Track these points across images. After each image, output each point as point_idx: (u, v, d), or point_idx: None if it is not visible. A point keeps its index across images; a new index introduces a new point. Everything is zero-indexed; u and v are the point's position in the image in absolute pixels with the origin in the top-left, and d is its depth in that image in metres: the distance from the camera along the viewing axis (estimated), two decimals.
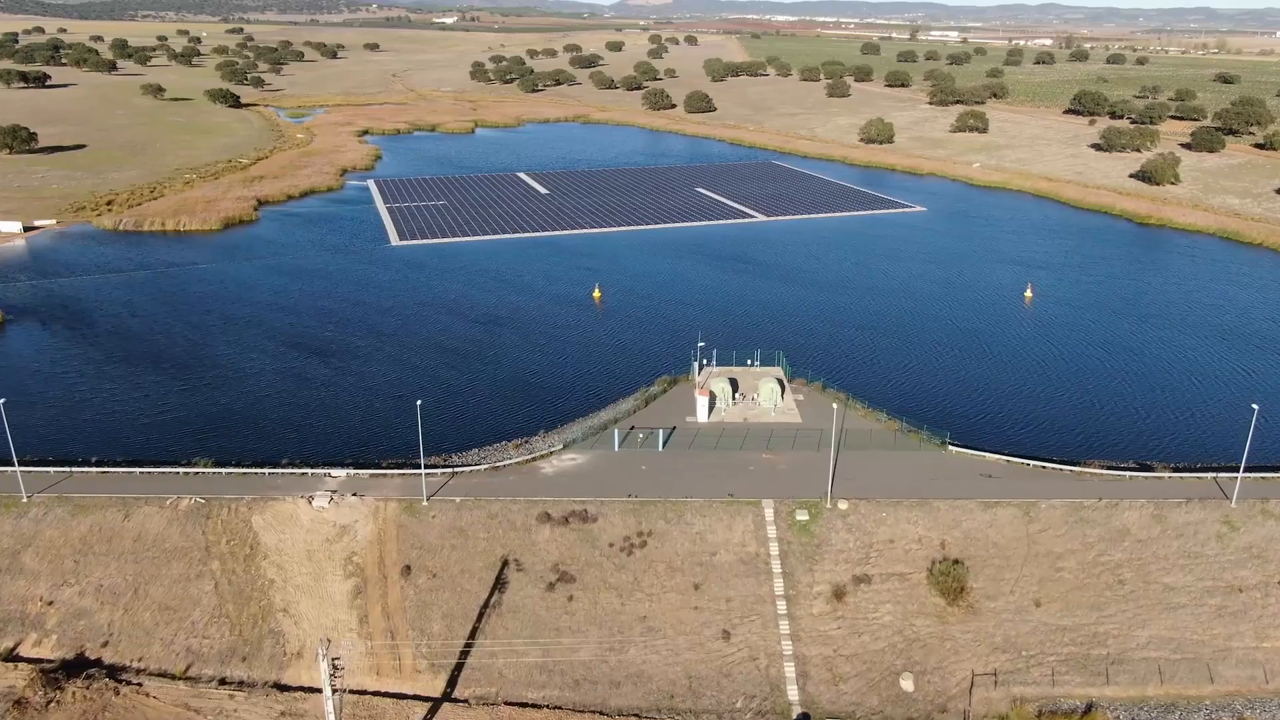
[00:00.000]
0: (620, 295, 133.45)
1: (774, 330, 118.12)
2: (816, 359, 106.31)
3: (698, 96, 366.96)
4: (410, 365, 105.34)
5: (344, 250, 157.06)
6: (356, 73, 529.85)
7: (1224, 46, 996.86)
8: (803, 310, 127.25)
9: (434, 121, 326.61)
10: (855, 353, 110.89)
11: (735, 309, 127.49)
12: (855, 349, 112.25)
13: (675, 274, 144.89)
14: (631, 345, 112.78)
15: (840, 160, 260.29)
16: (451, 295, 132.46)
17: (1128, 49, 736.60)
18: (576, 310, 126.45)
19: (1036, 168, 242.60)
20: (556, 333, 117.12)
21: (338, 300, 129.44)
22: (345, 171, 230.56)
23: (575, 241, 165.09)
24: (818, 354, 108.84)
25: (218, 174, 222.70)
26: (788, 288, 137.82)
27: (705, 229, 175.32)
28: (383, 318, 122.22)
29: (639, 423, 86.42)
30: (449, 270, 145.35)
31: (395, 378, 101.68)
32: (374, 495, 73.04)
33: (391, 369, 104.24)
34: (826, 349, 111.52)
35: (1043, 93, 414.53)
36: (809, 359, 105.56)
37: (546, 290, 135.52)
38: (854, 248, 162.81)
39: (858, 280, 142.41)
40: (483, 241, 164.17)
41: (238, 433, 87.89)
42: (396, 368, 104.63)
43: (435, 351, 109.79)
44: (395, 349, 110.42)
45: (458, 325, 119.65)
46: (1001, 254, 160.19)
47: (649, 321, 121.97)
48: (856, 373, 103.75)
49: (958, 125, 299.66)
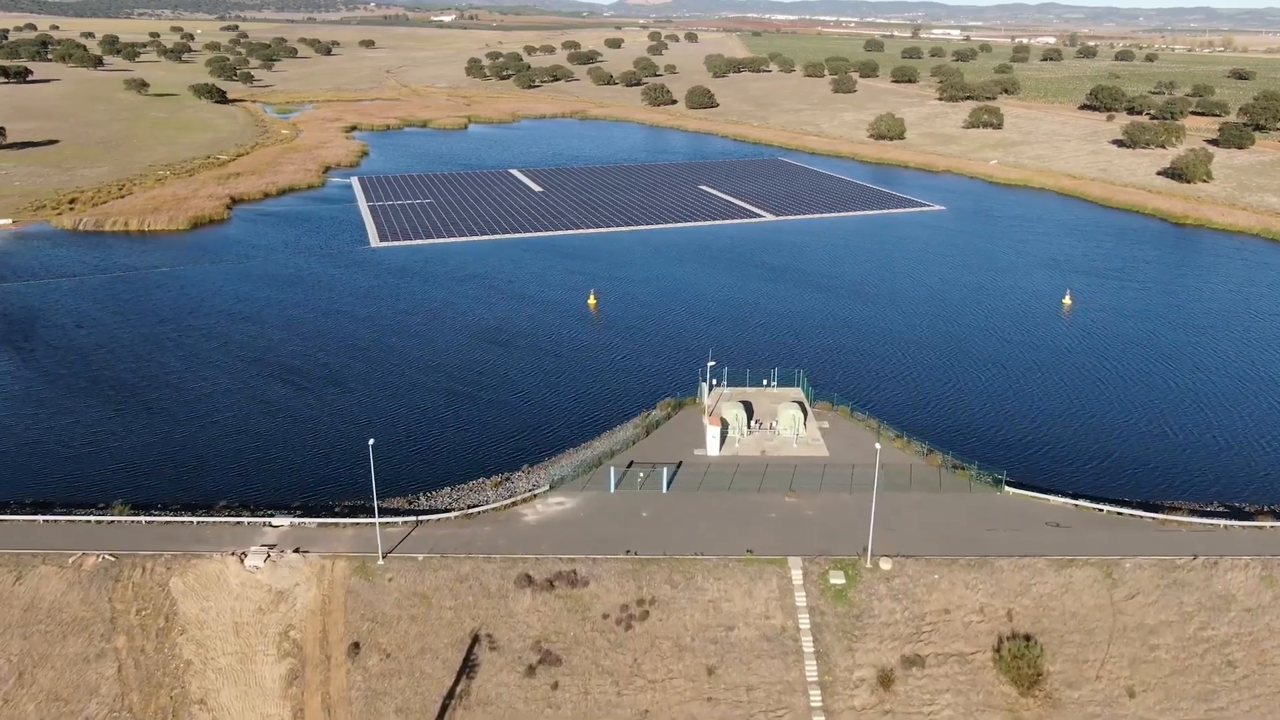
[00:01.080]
0: (618, 303, 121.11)
1: (791, 344, 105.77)
2: (841, 377, 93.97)
3: (699, 92, 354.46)
4: (382, 385, 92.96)
5: (319, 252, 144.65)
6: (350, 69, 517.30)
7: (1230, 44, 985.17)
8: (822, 321, 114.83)
9: (425, 117, 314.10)
10: (884, 369, 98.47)
11: (746, 319, 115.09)
12: (883, 365, 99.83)
13: (679, 279, 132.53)
14: (630, 361, 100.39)
15: (850, 157, 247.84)
16: (433, 303, 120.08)
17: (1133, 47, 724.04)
18: (570, 320, 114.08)
19: (1057, 164, 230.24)
20: (547, 346, 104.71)
21: (308, 309, 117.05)
22: (328, 168, 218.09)
23: (570, 242, 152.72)
24: (842, 371, 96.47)
25: (193, 171, 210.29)
26: (804, 295, 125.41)
27: (710, 229, 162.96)
28: (356, 329, 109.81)
29: (639, 456, 74.10)
30: (432, 275, 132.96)
31: (364, 400, 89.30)
32: (320, 550, 60.68)
33: (361, 389, 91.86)
34: (851, 365, 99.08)
35: (1054, 89, 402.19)
36: (832, 378, 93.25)
37: (537, 297, 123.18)
38: (873, 250, 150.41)
39: (881, 286, 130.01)
40: (470, 242, 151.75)
41: (171, 469, 75.45)
42: (366, 388, 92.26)
43: (411, 368, 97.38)
44: (366, 366, 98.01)
45: (438, 338, 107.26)
46: (1033, 257, 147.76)
47: (650, 333, 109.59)
48: (887, 394, 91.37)
49: (971, 121, 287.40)
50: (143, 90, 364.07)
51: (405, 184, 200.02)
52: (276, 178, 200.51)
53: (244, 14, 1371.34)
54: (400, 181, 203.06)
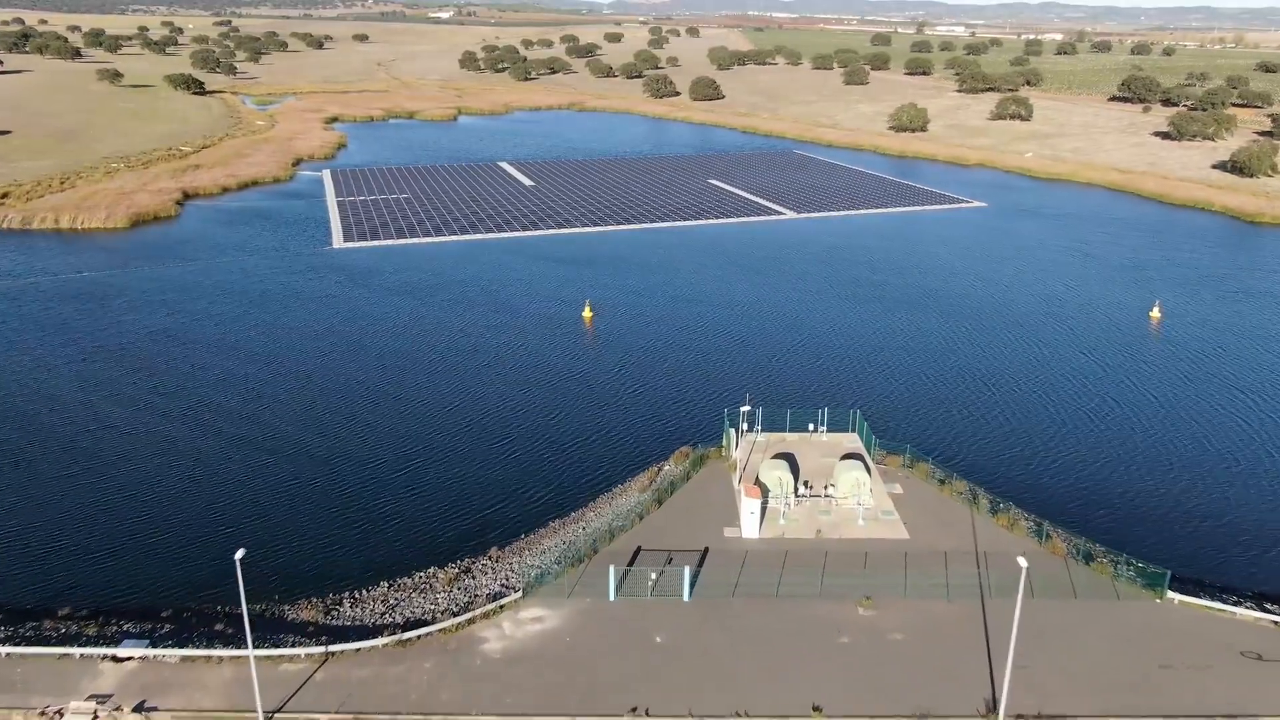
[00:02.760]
0: (620, 318, 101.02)
1: (837, 371, 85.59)
2: (905, 416, 73.99)
3: (704, 83, 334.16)
4: (317, 427, 72.88)
5: (273, 255, 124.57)
6: (340, 63, 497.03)
7: (1241, 41, 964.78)
8: (872, 340, 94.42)
9: (413, 108, 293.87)
10: (956, 404, 78.20)
11: (778, 339, 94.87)
12: (955, 398, 79.56)
13: (692, 288, 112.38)
14: (635, 394, 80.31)
15: (871, 150, 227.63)
16: (398, 318, 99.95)
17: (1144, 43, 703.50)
18: (560, 339, 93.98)
19: (1099, 158, 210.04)
20: (531, 375, 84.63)
21: (247, 326, 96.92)
22: (299, 161, 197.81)
23: (563, 244, 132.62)
24: (905, 407, 76.36)
25: (150, 163, 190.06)
26: (845, 307, 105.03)
27: (723, 228, 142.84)
28: (298, 352, 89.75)
29: (649, 538, 54.15)
30: (402, 282, 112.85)
31: (291, 447, 69.22)
32: (176, 705, 40.77)
33: (291, 432, 71.79)
34: (916, 399, 78.77)
35: (1077, 81, 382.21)
36: (895, 417, 73.32)
37: (523, 309, 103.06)
38: (917, 252, 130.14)
39: (936, 296, 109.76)
40: (449, 243, 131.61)
41: (8, 554, 55.45)
42: (297, 430, 72.18)
43: (356, 404, 77.35)
44: (304, 404, 77.92)
45: (396, 362, 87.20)
46: (1104, 261, 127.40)
47: (659, 357, 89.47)
48: (964, 438, 71.28)
49: (997, 112, 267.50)
50: (116, 81, 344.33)
51: (382, 177, 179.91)
52: (239, 170, 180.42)
53: (240, 10, 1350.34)
54: (376, 175, 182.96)
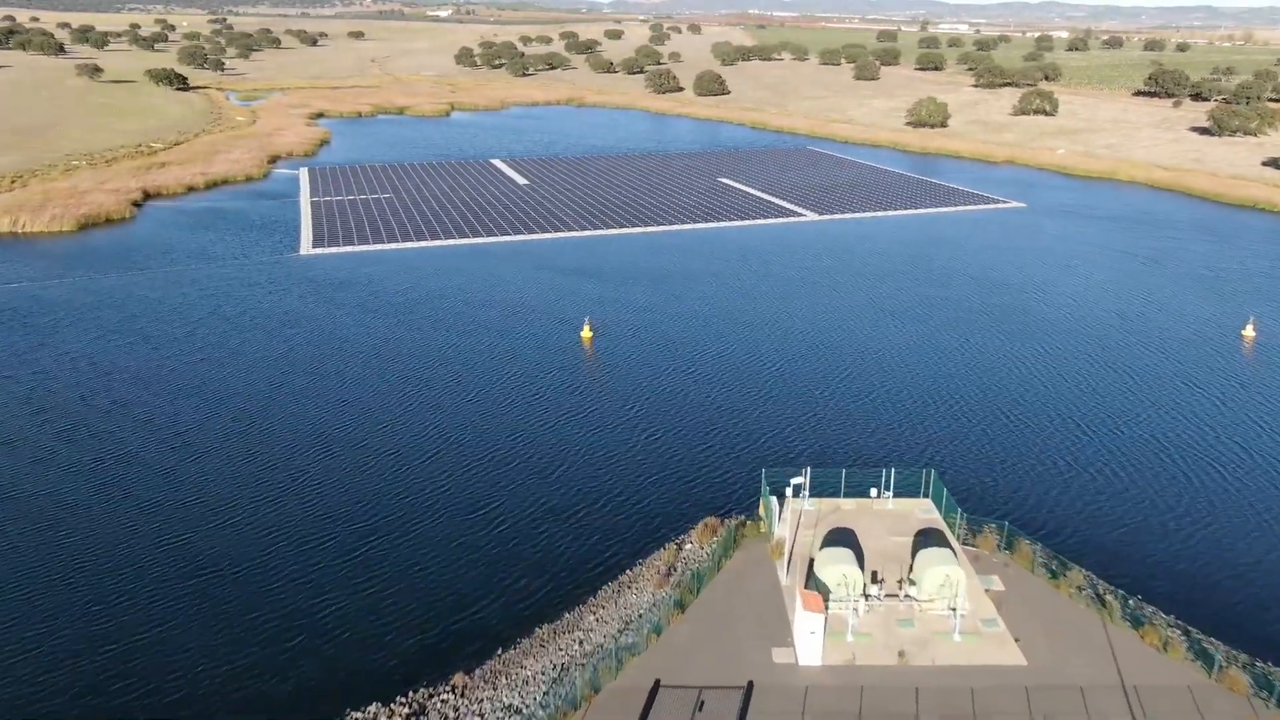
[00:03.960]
0: (624, 338, 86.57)
1: (892, 409, 70.73)
2: (985, 471, 59.39)
3: (709, 77, 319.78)
4: (252, 489, 58.31)
5: (232, 262, 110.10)
6: (333, 59, 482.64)
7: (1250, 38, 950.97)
8: (933, 371, 79.19)
9: (403, 104, 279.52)
10: (1047, 455, 62.88)
11: (815, 367, 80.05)
12: (1044, 447, 64.15)
13: (706, 301, 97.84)
14: (646, 441, 65.65)
15: (890, 146, 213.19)
16: (364, 341, 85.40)
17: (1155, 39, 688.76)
18: (555, 364, 79.48)
19: (1137, 154, 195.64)
20: (519, 413, 70.08)
21: (188, 351, 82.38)
22: (276, 158, 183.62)
23: (559, 249, 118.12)
24: (987, 459, 61.56)
25: (115, 160, 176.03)
26: (890, 327, 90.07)
27: (738, 232, 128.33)
28: (246, 385, 75.19)
29: (669, 663, 39.61)
30: (374, 295, 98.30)
31: (214, 523, 54.73)
32: None
33: (218, 493, 57.31)
34: (999, 449, 63.52)
35: (1097, 76, 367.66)
36: (972, 471, 58.80)
37: (512, 328, 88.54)
38: (958, 259, 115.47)
39: (997, 314, 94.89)
40: (430, 249, 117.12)
41: None
42: (228, 490, 57.72)
43: (311, 454, 62.73)
44: (240, 456, 63.30)
45: (363, 398, 72.59)
46: (1172, 269, 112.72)
47: (672, 390, 74.88)
48: (1066, 500, 56.43)
49: (1020, 107, 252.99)
50: (95, 76, 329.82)
51: (364, 176, 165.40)
52: (209, 168, 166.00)
53: (237, 9, 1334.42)
54: (358, 173, 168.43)
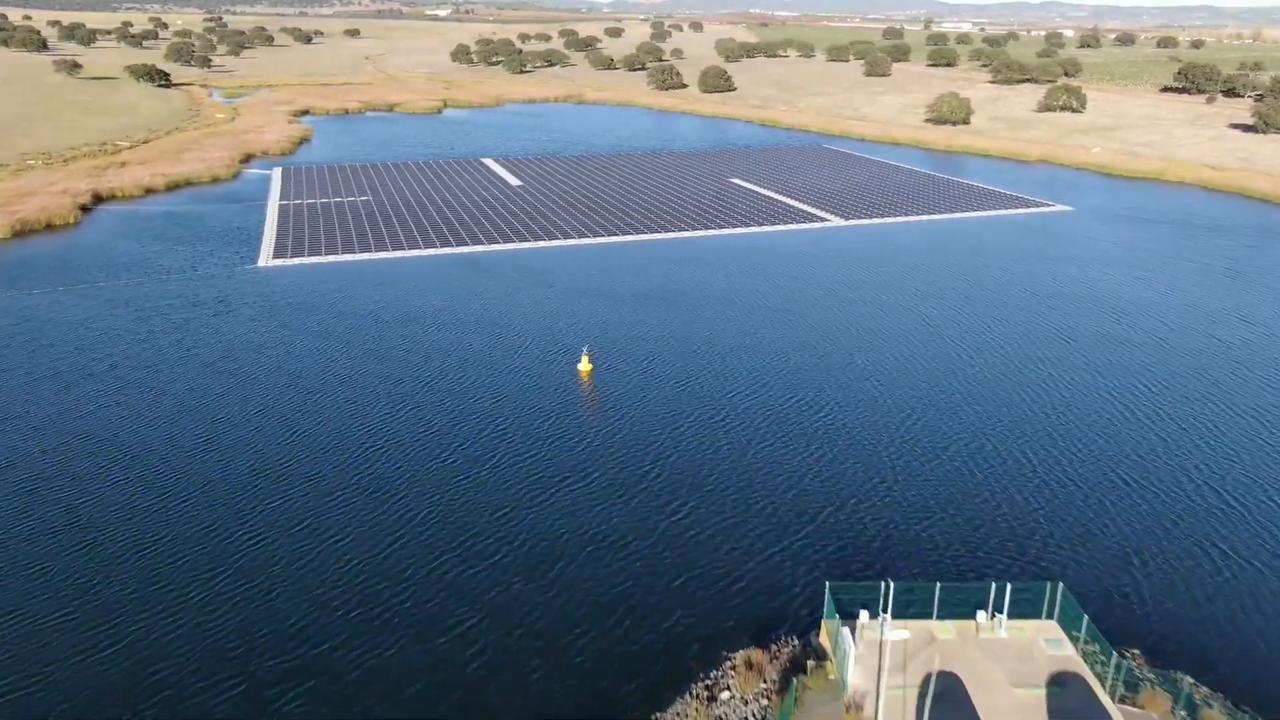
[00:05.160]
0: (631, 370, 72.30)
1: (987, 484, 56.12)
2: (1130, 580, 45.10)
3: (714, 73, 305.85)
4: (149, 607, 44.27)
5: (179, 276, 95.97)
6: (327, 57, 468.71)
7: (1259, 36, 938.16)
8: (1005, 416, 64.51)
9: (393, 101, 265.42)
10: (1211, 559, 48.38)
11: (875, 418, 65.25)
12: (1203, 544, 49.83)
13: (727, 327, 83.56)
14: (657, 522, 51.44)
15: (911, 144, 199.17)
16: (321, 379, 71.06)
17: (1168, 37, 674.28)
18: (547, 406, 65.20)
19: (1180, 153, 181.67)
20: (500, 479, 55.82)
21: (105, 391, 68.24)
22: (250, 157, 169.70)
23: (554, 260, 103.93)
24: (1122, 558, 47.22)
25: (73, 159, 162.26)
26: (962, 364, 74.33)
27: (754, 239, 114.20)
28: (166, 439, 61.00)
29: None
30: (338, 318, 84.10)
31: (88, 651, 40.61)
32: None
33: (109, 600, 43.20)
34: (1135, 544, 48.58)
35: (1117, 72, 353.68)
36: (1113, 580, 44.56)
37: (495, 359, 74.30)
38: (1011, 273, 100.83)
39: (1082, 344, 79.94)
40: (409, 260, 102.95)
41: None
42: (118, 596, 43.61)
43: (231, 544, 48.57)
44: (141, 544, 49.29)
45: (307, 460, 58.31)
46: (1262, 284, 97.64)
47: (691, 441, 60.47)
48: (1250, 629, 42.41)
49: (1045, 104, 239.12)
50: (73, 73, 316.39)
51: (342, 176, 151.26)
52: (174, 168, 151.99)
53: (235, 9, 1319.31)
54: (337, 173, 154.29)
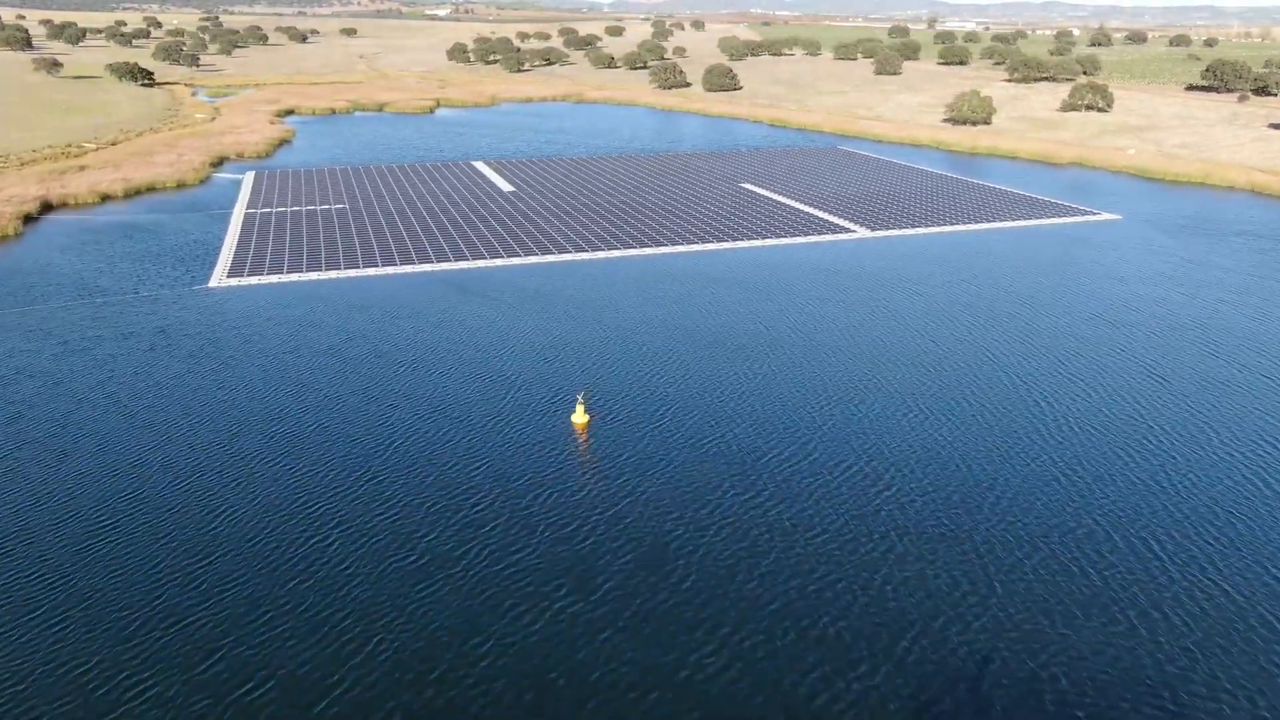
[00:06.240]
0: (636, 423, 59.79)
1: (1102, 577, 44.25)
2: None
3: (720, 71, 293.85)
4: None
5: (116, 300, 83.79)
6: (321, 56, 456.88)
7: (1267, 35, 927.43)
8: (1121, 493, 52.80)
9: (383, 100, 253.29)
10: None
11: (947, 492, 53.53)
12: None
13: (751, 361, 71.17)
14: (688, 643, 39.24)
15: (932, 145, 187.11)
16: (269, 438, 58.57)
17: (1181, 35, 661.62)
18: (536, 472, 52.81)
19: (1220, 154, 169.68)
20: (477, 592, 43.59)
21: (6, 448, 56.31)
22: (223, 160, 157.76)
23: (548, 278, 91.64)
24: None
25: (32, 162, 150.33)
26: (1037, 416, 61.92)
27: (772, 253, 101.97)
28: (58, 521, 48.92)
29: None
30: (293, 354, 71.76)
31: None
32: None
33: None
34: None
35: (1136, 70, 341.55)
36: None
37: (474, 409, 61.88)
38: (1077, 296, 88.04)
39: (1167, 383, 67.57)
40: (381, 280, 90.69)
41: None
42: None
43: (114, 689, 36.55)
44: (54, 638, 37.09)
45: (223, 563, 46.24)
46: None
47: (719, 531, 48.30)
48: None
49: (1070, 103, 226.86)
50: (53, 71, 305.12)
51: (319, 181, 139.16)
52: (137, 173, 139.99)
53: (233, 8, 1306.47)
54: (314, 178, 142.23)
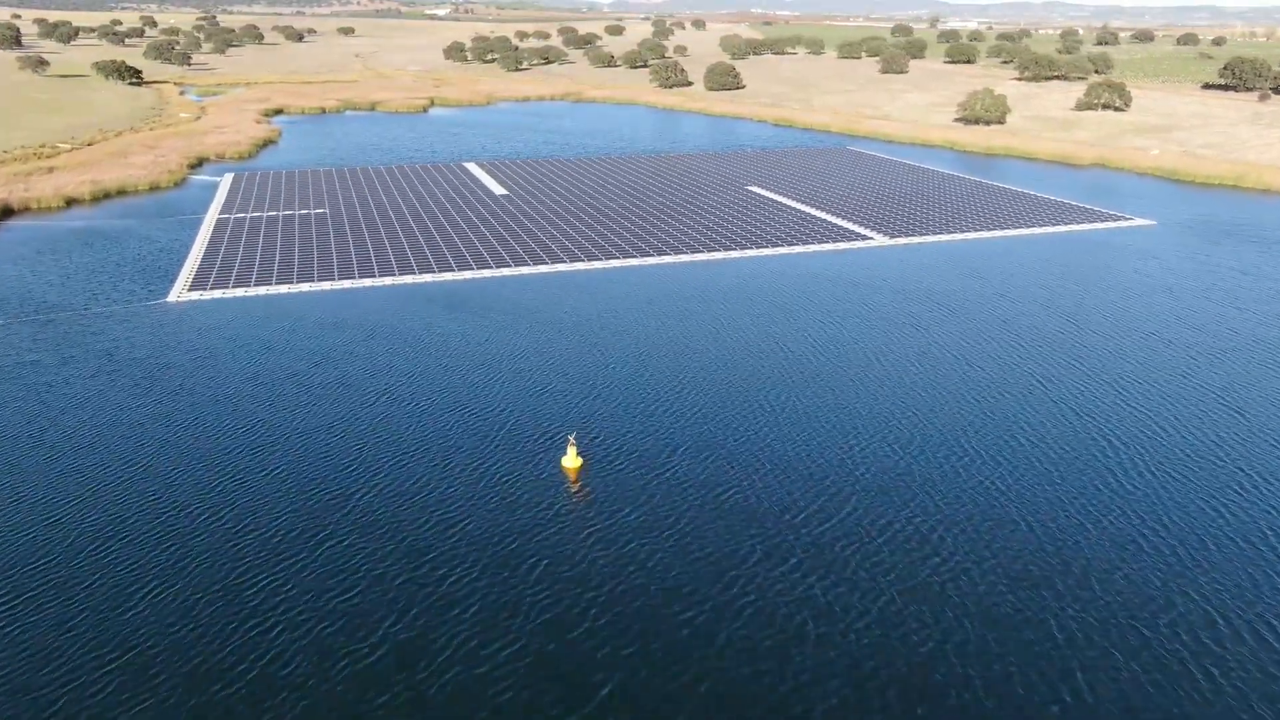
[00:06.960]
0: (639, 470, 51.82)
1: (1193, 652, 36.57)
2: None
3: (722, 70, 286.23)
4: None
5: (63, 317, 76.00)
6: (317, 55, 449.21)
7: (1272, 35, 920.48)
8: (1212, 555, 45.42)
9: (376, 99, 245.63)
10: None
11: (1010, 559, 45.84)
12: None
13: (767, 392, 63.25)
14: None
15: (944, 145, 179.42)
16: (218, 486, 50.72)
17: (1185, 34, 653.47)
18: (520, 528, 44.84)
19: (1247, 155, 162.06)
20: (447, 666, 35.84)
21: None
22: (202, 161, 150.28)
23: (539, 291, 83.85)
24: None
25: (2, 164, 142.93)
26: (1107, 463, 55.36)
27: (786, 263, 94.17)
28: None
29: None
30: (253, 382, 63.87)
31: None
32: None
33: None
34: None
35: (1147, 68, 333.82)
36: None
37: (454, 452, 53.94)
38: (1127, 312, 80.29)
39: (1248, 417, 60.79)
40: (358, 292, 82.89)
41: None
42: None
43: None
44: None
45: (161, 635, 38.45)
46: None
47: (744, 609, 40.54)
48: None
49: (1086, 102, 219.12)
50: (39, 70, 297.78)
51: (300, 183, 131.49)
52: (108, 174, 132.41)
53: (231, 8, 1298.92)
54: (295, 181, 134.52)
